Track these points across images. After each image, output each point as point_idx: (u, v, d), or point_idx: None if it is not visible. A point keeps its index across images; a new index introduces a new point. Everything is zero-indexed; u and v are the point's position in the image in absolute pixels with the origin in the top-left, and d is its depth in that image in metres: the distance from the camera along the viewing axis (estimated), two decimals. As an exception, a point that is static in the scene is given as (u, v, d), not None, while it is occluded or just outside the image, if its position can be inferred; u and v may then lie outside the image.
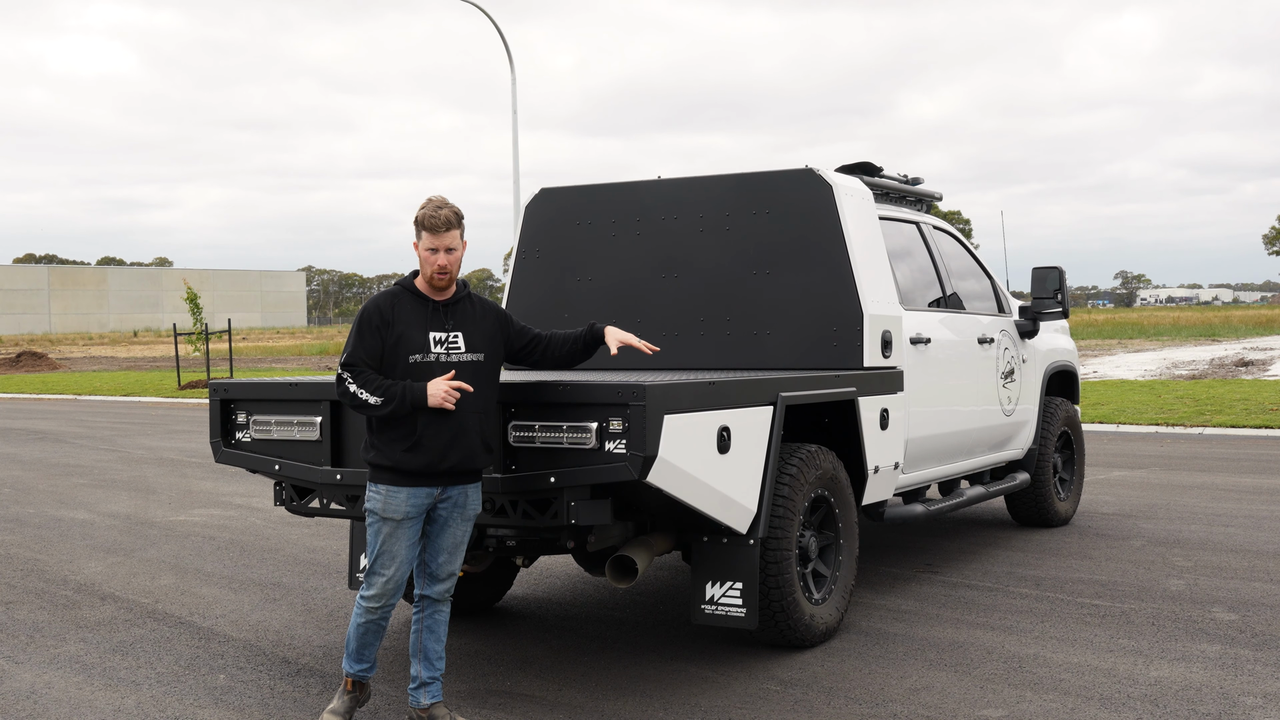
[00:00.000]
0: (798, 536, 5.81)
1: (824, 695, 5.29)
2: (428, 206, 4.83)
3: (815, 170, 6.79)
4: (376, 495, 4.78)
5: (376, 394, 4.69)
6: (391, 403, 4.68)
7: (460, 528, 4.90)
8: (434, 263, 4.80)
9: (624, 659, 5.90)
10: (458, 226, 4.82)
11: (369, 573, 4.82)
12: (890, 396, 6.71)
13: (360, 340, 4.77)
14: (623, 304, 7.22)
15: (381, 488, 4.77)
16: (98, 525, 10.05)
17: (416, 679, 4.93)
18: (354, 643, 4.89)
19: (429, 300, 4.86)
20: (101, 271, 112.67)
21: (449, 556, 4.90)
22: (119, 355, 55.68)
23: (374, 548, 4.79)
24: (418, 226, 4.82)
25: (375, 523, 4.79)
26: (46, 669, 5.94)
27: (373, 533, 4.80)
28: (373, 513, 4.79)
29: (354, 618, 4.89)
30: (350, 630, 4.90)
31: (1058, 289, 8.77)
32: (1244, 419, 16.04)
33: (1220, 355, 30.46)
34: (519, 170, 29.53)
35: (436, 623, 4.94)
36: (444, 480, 4.80)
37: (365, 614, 4.84)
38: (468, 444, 4.79)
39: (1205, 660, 5.68)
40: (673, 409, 4.97)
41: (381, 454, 4.76)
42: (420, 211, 4.82)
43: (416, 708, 4.92)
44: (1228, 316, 65.43)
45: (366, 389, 4.69)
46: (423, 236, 4.81)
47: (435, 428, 4.73)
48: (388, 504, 4.75)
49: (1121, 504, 10.08)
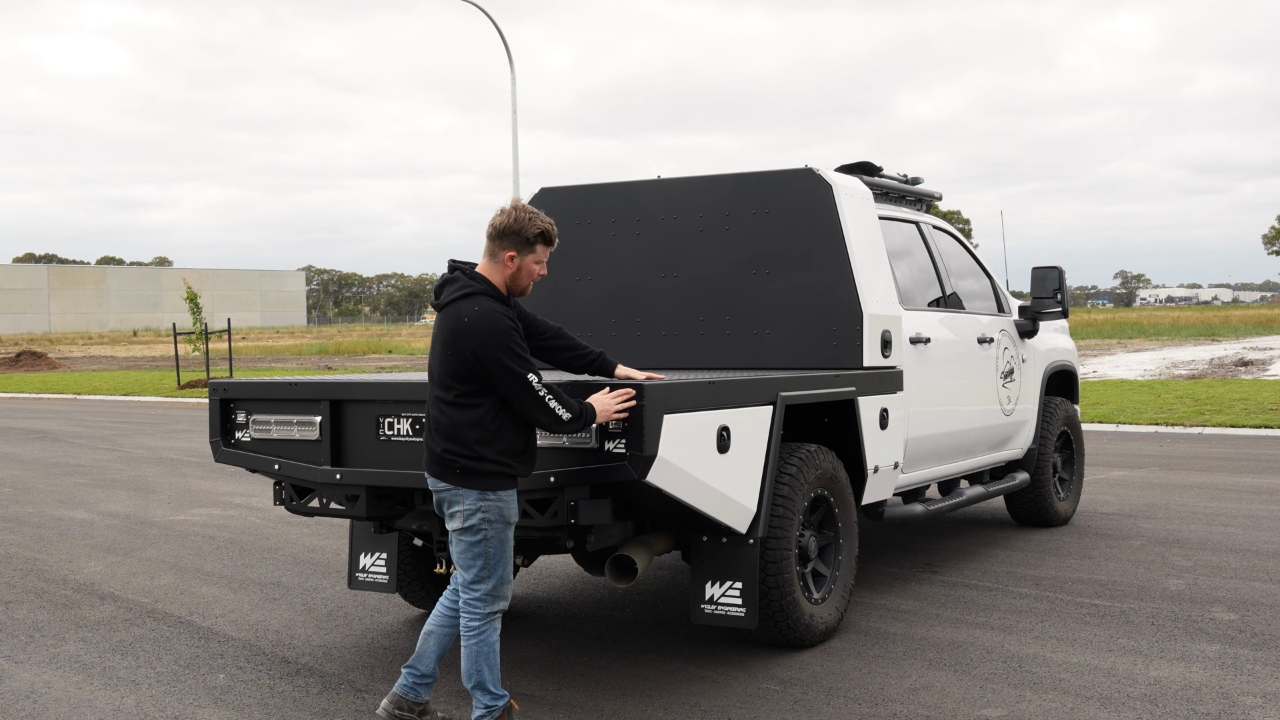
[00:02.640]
0: (797, 536, 5.81)
1: (823, 695, 5.29)
2: (543, 220, 4.73)
3: (815, 170, 6.79)
4: (499, 504, 4.63)
5: (568, 410, 4.62)
6: (579, 420, 4.64)
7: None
8: (539, 274, 4.80)
9: (624, 659, 5.90)
10: None
11: (498, 583, 4.67)
12: (890, 396, 6.71)
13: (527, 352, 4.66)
14: (623, 304, 7.22)
15: (504, 494, 4.65)
16: (97, 525, 10.05)
17: (429, 676, 4.89)
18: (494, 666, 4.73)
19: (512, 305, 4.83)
20: (101, 271, 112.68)
21: None
22: (118, 355, 55.68)
23: (499, 556, 4.66)
24: (537, 239, 4.70)
25: (500, 531, 4.66)
26: (46, 668, 5.94)
27: (497, 543, 4.65)
28: (498, 521, 4.64)
29: (486, 636, 4.69)
30: (489, 655, 4.71)
31: (1057, 289, 8.77)
32: (1243, 419, 16.04)
33: (1220, 355, 30.46)
34: (519, 170, 29.53)
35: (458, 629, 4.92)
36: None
37: (496, 628, 4.73)
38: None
39: (1205, 660, 5.68)
40: (672, 409, 4.97)
41: (505, 465, 4.63)
42: (541, 224, 4.71)
43: (414, 700, 4.92)
44: (1227, 316, 65.44)
45: (559, 402, 4.61)
46: (538, 250, 4.73)
47: (531, 437, 4.73)
48: (509, 509, 4.68)
49: (1121, 504, 10.08)
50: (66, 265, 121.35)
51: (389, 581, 6.35)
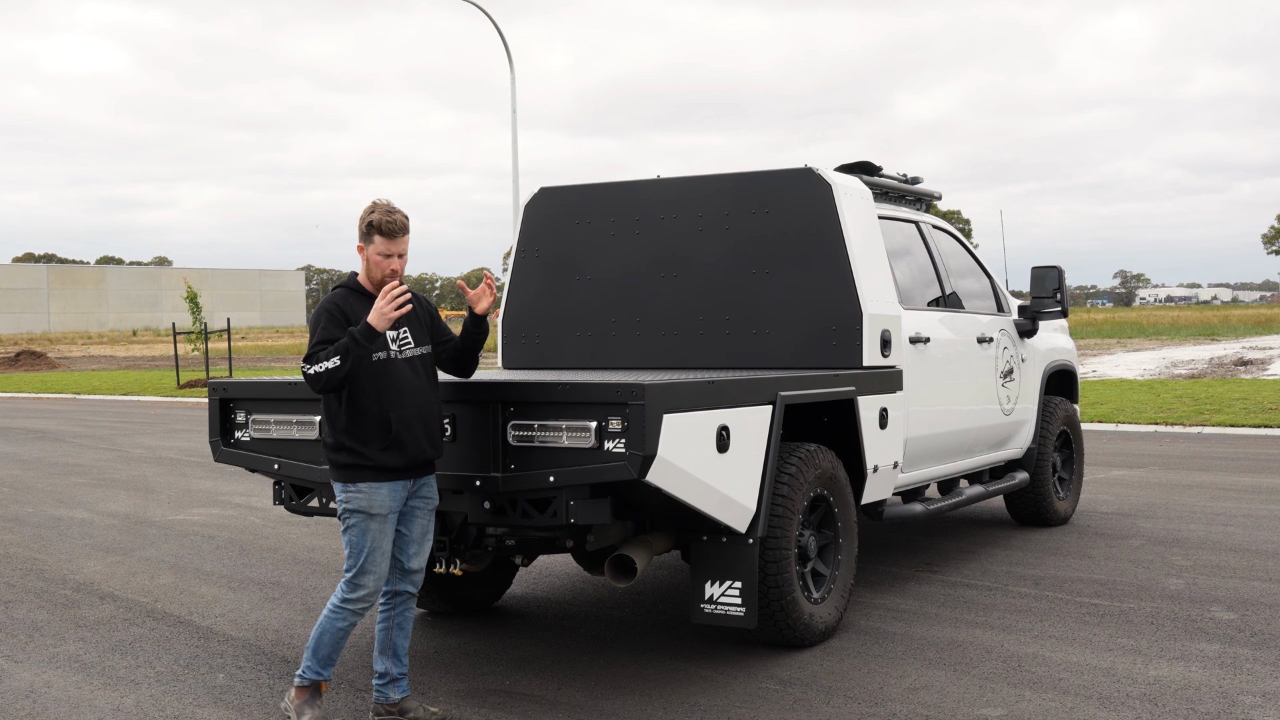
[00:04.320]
0: (797, 536, 5.81)
1: (823, 694, 5.29)
2: (380, 211, 4.83)
3: (815, 169, 6.79)
4: (358, 495, 4.76)
5: (331, 358, 4.65)
6: (348, 354, 4.63)
7: (426, 517, 4.96)
8: (387, 267, 4.84)
9: (623, 658, 5.90)
10: (408, 232, 4.87)
11: (357, 573, 4.79)
12: (889, 396, 6.71)
13: (325, 330, 4.75)
14: (622, 303, 7.22)
15: (363, 486, 4.76)
16: (97, 524, 10.05)
17: (385, 675, 4.96)
18: (328, 648, 4.86)
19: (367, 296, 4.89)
20: (100, 271, 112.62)
21: (419, 547, 4.95)
22: (118, 354, 55.67)
23: (362, 548, 4.77)
24: (371, 230, 4.81)
25: (360, 522, 4.77)
26: (45, 668, 5.94)
27: (358, 533, 4.77)
28: (357, 513, 4.76)
29: (332, 621, 4.83)
30: (325, 635, 4.85)
31: (1057, 288, 8.77)
32: (1243, 418, 16.05)
33: (1219, 354, 30.47)
34: (518, 169, 29.52)
35: (406, 619, 4.99)
36: (417, 473, 4.86)
37: (349, 617, 4.82)
38: (435, 435, 4.89)
39: (1204, 659, 5.68)
40: (672, 408, 4.97)
41: (357, 454, 4.75)
42: (374, 216, 4.81)
43: (385, 703, 4.96)
44: (1226, 316, 65.44)
45: (321, 360, 4.66)
46: (376, 241, 4.81)
47: (407, 424, 4.77)
48: (373, 501, 4.75)
49: (1120, 503, 10.08)
50: (66, 265, 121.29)
51: (388, 581, 6.35)
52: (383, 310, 4.66)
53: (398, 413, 4.76)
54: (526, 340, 7.50)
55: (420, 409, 4.82)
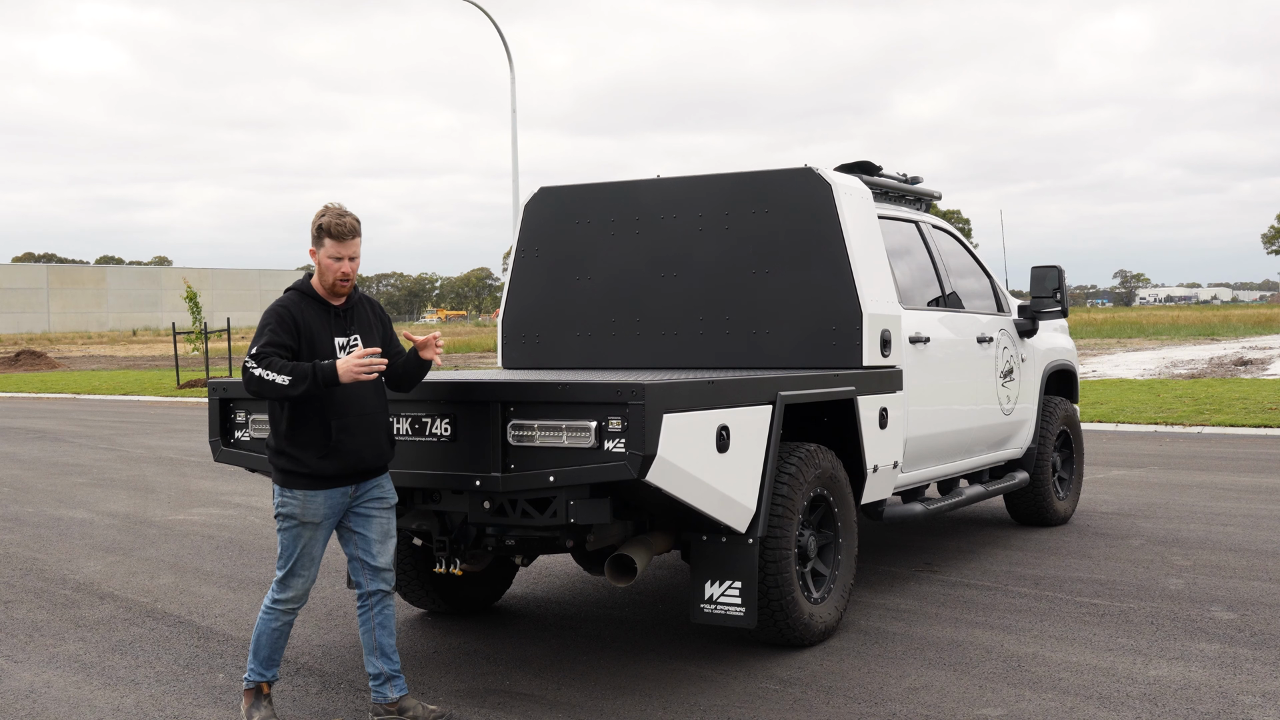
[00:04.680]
0: (797, 535, 5.81)
1: (823, 694, 5.29)
2: (330, 214, 4.82)
3: (814, 169, 6.78)
4: (293, 501, 4.80)
5: (283, 374, 4.63)
6: (303, 382, 4.61)
7: (385, 517, 4.96)
8: (338, 270, 4.83)
9: (623, 658, 5.90)
10: (360, 235, 4.87)
11: (287, 575, 4.86)
12: (889, 395, 6.71)
13: (274, 333, 4.73)
14: (622, 303, 7.22)
15: (298, 493, 4.79)
16: (97, 524, 10.05)
17: (380, 675, 4.97)
18: (267, 649, 4.91)
19: (330, 306, 4.90)
20: (100, 270, 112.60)
21: (382, 545, 4.96)
22: (118, 354, 55.66)
23: (291, 552, 4.84)
24: (321, 233, 4.81)
25: (293, 527, 4.82)
26: (45, 668, 5.94)
27: (290, 537, 4.83)
28: (290, 518, 4.81)
29: (266, 622, 4.90)
30: (262, 636, 4.91)
31: (1057, 288, 8.77)
32: (1243, 418, 16.04)
33: (1219, 354, 30.46)
34: (518, 169, 29.52)
35: (387, 616, 5.00)
36: (358, 479, 4.87)
37: (280, 616, 4.89)
38: (379, 442, 4.89)
39: (1204, 659, 5.68)
40: (672, 408, 4.97)
41: (295, 460, 4.78)
42: (324, 219, 4.81)
43: (384, 703, 4.96)
44: (1226, 315, 65.42)
45: (272, 370, 4.64)
46: (326, 244, 4.81)
47: (349, 432, 4.78)
48: (307, 509, 4.79)
49: (1120, 503, 10.08)
50: (66, 265, 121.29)
51: (388, 581, 6.34)
52: (353, 369, 4.65)
53: (339, 420, 4.77)
54: (526, 340, 7.50)
55: (364, 417, 4.83)
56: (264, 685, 4.96)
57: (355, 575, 4.99)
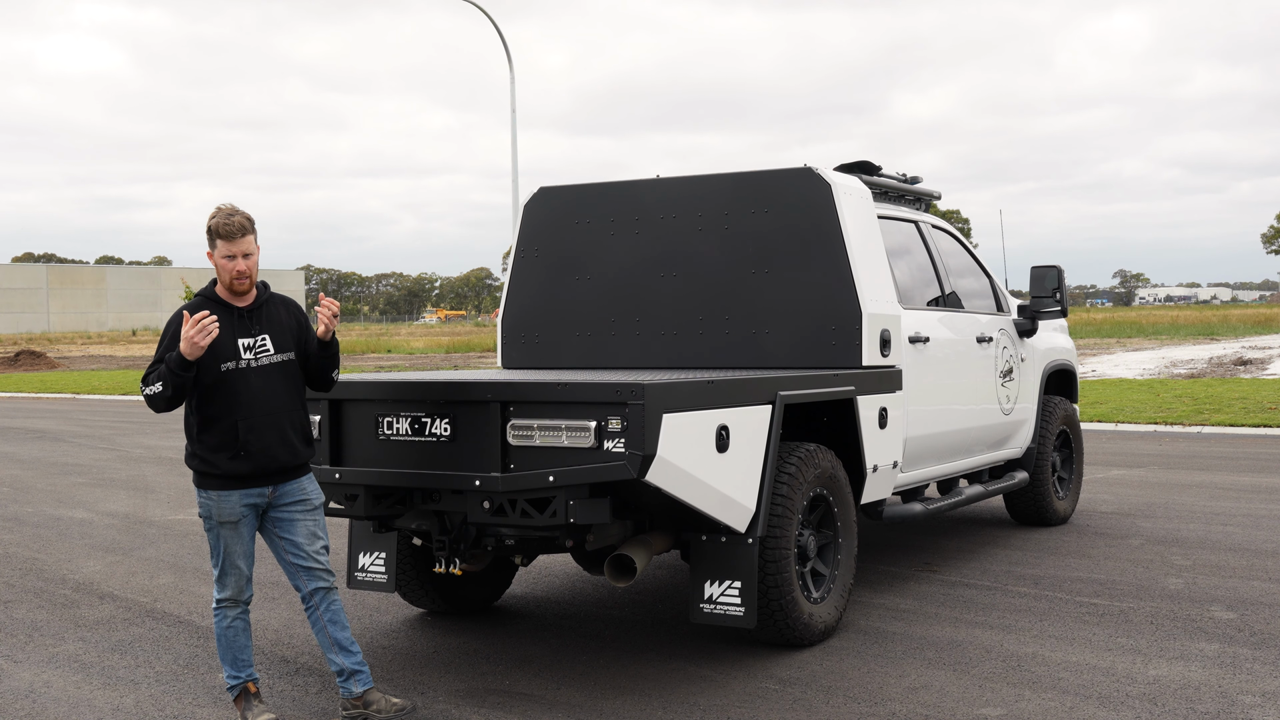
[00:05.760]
0: (796, 535, 5.81)
1: (822, 694, 5.29)
2: (219, 215, 4.86)
3: (814, 169, 6.79)
4: (208, 501, 4.84)
5: (157, 382, 4.70)
6: (168, 381, 4.66)
7: (309, 518, 4.97)
8: (232, 269, 4.85)
9: (623, 658, 5.90)
10: (251, 232, 4.87)
11: (219, 574, 4.91)
12: (889, 395, 6.71)
13: (161, 349, 4.80)
14: (621, 303, 7.22)
15: (212, 494, 4.82)
16: (96, 524, 10.05)
17: (342, 670, 4.98)
18: (229, 650, 4.95)
19: (233, 307, 4.90)
20: (100, 270, 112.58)
21: (310, 541, 4.96)
22: (118, 354, 55.65)
23: (218, 551, 4.89)
24: (212, 235, 4.84)
25: (213, 527, 4.86)
26: (45, 668, 5.94)
27: (213, 538, 4.88)
28: (208, 518, 4.86)
29: (217, 624, 4.95)
30: (220, 639, 4.95)
31: (1056, 288, 8.77)
32: (1242, 418, 16.05)
33: (1219, 354, 30.47)
34: (518, 169, 29.52)
35: (336, 611, 5.00)
36: (274, 479, 4.88)
37: (225, 616, 4.94)
38: (289, 441, 4.88)
39: (1204, 659, 5.68)
40: (672, 408, 4.97)
41: (207, 462, 4.80)
42: (213, 220, 4.85)
43: (350, 698, 4.97)
44: (1226, 315, 65.43)
45: (150, 384, 4.71)
46: (218, 245, 4.84)
47: (257, 432, 4.79)
48: (221, 508, 4.82)
49: (1120, 503, 10.08)
50: (65, 265, 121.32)
51: (388, 581, 6.35)
52: (190, 337, 4.63)
53: (246, 421, 4.78)
54: (526, 340, 7.50)
55: (273, 416, 4.83)
56: (249, 685, 4.97)
57: (293, 580, 5.00)
